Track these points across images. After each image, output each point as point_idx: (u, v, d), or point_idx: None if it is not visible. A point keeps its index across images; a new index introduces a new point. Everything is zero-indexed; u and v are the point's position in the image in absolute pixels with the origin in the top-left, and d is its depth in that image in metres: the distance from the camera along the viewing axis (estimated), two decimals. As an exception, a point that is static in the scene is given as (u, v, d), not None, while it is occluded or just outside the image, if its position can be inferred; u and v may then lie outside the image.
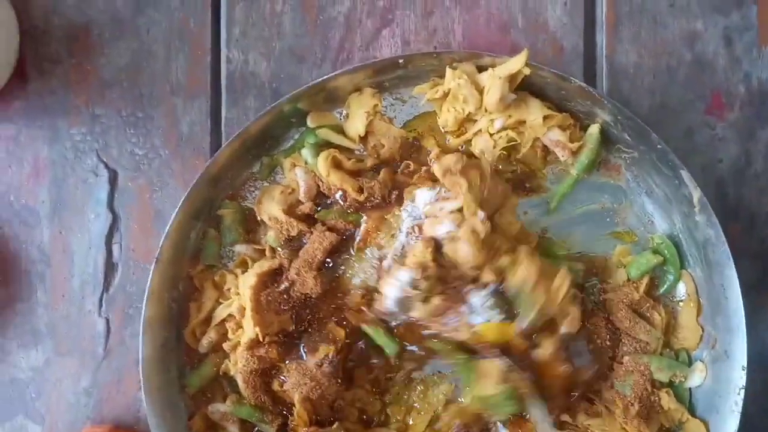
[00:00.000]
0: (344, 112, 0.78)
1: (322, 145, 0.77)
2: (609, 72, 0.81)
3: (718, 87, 0.81)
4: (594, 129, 0.75)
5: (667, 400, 0.72)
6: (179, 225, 0.75)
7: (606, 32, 0.81)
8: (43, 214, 0.82)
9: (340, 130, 0.78)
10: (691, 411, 0.73)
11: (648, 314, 0.73)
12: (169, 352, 0.76)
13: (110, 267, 0.81)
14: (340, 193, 0.76)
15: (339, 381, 0.74)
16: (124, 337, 0.81)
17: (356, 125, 0.77)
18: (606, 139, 0.76)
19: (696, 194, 0.71)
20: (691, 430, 0.72)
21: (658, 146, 0.72)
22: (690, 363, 0.74)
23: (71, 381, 0.81)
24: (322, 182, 0.76)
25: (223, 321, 0.76)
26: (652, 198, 0.76)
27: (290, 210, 0.76)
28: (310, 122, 0.78)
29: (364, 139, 0.78)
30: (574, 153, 0.75)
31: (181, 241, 0.76)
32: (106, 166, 0.82)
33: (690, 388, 0.74)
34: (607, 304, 0.73)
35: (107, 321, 0.81)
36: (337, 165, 0.75)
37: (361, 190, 0.75)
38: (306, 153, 0.77)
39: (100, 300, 0.81)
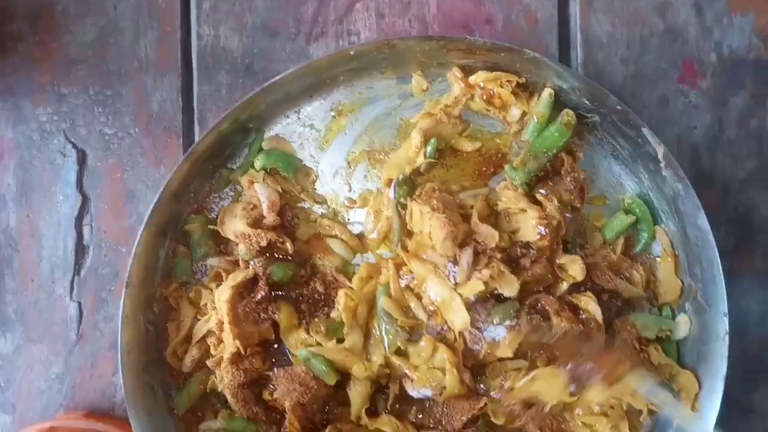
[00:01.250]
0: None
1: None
2: (583, 43, 0.81)
3: (690, 55, 0.81)
4: (545, 93, 0.75)
5: (656, 355, 0.72)
6: (146, 244, 0.71)
7: (580, 3, 0.81)
8: (9, 198, 0.79)
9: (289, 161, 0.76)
10: (681, 363, 0.74)
11: (628, 274, 0.74)
12: (152, 376, 0.73)
13: (81, 250, 0.79)
14: None
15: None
16: (96, 321, 0.79)
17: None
18: (565, 107, 0.76)
19: (660, 150, 0.72)
20: (682, 381, 0.73)
21: (618, 107, 0.72)
22: (674, 317, 0.75)
23: (42, 368, 0.78)
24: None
25: (204, 337, 0.74)
26: (618, 160, 0.77)
27: (255, 223, 0.74)
28: (266, 146, 0.77)
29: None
30: (503, 107, 0.75)
31: (150, 260, 0.73)
32: (75, 146, 0.80)
33: (677, 342, 0.75)
34: (589, 269, 0.73)
35: (79, 305, 0.79)
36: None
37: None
38: (259, 164, 0.75)
39: (71, 284, 0.79)
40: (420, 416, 0.73)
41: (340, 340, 0.72)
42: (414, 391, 0.70)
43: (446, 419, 0.72)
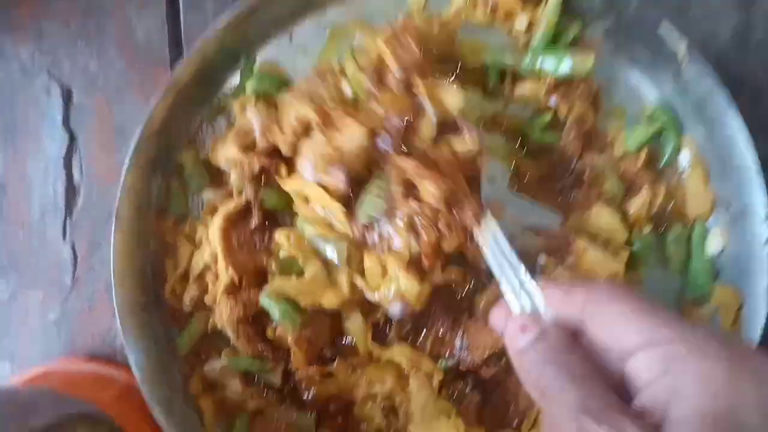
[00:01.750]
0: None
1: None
2: (595, -55, 0.75)
3: (714, -46, 0.74)
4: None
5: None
6: (134, 178, 0.68)
7: None
8: (-6, 141, 0.76)
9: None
10: (716, 279, 0.69)
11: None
12: (152, 316, 0.70)
13: (72, 191, 0.76)
14: None
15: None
16: (92, 263, 0.76)
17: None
18: (575, 13, 0.70)
19: (682, 46, 0.66)
20: (720, 297, 0.68)
21: (632, 6, 0.66)
22: (707, 231, 0.70)
23: (39, 314, 0.76)
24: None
25: (202, 274, 0.70)
26: (636, 67, 0.71)
27: (248, 150, 0.69)
28: (258, 70, 0.72)
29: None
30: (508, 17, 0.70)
31: (142, 196, 0.69)
32: (59, 83, 0.76)
33: (712, 258, 0.70)
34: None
35: (73, 248, 0.76)
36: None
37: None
38: (251, 88, 0.71)
39: (64, 226, 0.76)
40: (437, 347, 0.69)
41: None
42: (389, 311, 0.66)
43: (465, 352, 0.68)
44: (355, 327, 0.67)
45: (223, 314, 0.68)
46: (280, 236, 0.67)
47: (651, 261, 0.71)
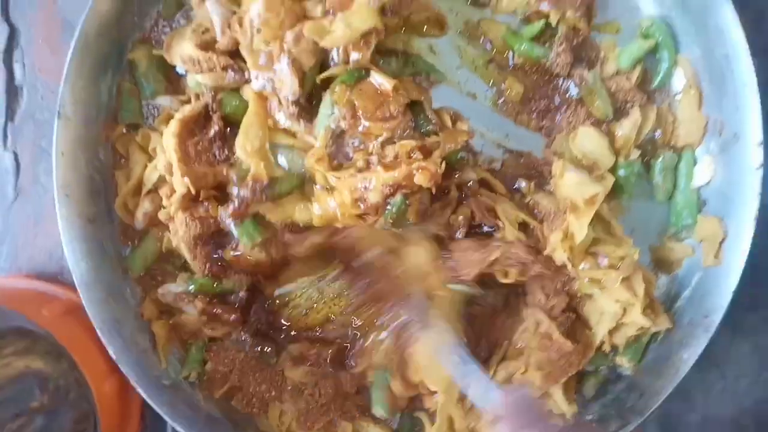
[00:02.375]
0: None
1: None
2: None
3: None
4: None
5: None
6: (81, 75, 0.61)
7: None
8: (-77, 31, 0.68)
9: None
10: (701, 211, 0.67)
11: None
12: (101, 231, 0.64)
13: (13, 91, 0.69)
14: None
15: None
16: (37, 173, 0.69)
17: None
18: None
19: None
20: (703, 229, 0.66)
21: None
22: (695, 161, 0.67)
23: (-22, 227, 0.70)
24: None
25: (156, 189, 0.64)
26: None
27: (207, 47, 0.62)
28: None
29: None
30: None
31: (90, 96, 0.63)
32: (-4, -32, 0.68)
33: (698, 189, 0.67)
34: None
35: (15, 156, 0.69)
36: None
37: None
38: None
39: (4, 131, 0.69)
40: None
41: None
42: None
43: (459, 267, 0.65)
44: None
45: (179, 231, 0.62)
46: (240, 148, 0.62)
47: (636, 190, 0.68)
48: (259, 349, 0.67)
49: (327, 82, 0.61)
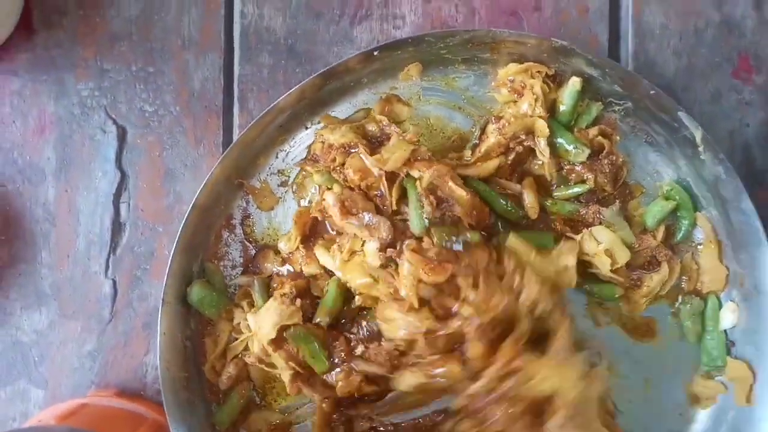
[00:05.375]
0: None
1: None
2: (635, 33, 0.79)
3: (746, 50, 0.79)
4: (573, 81, 0.73)
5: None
6: (180, 263, 0.72)
7: (632, -8, 0.79)
8: (48, 172, 0.79)
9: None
10: (730, 353, 0.73)
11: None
12: (193, 392, 0.73)
13: (117, 227, 0.78)
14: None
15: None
16: (131, 299, 0.78)
17: None
18: (597, 95, 0.75)
19: (698, 134, 0.71)
20: (734, 372, 0.71)
21: (651, 92, 0.71)
22: (720, 306, 0.73)
23: (75, 344, 0.78)
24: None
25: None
26: (653, 147, 0.76)
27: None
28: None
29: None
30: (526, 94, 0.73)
31: (185, 277, 0.73)
32: (115, 122, 0.79)
33: (726, 331, 0.73)
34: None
35: (114, 283, 0.78)
36: None
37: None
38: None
39: (107, 261, 0.78)
40: None
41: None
42: None
43: None
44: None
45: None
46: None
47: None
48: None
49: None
